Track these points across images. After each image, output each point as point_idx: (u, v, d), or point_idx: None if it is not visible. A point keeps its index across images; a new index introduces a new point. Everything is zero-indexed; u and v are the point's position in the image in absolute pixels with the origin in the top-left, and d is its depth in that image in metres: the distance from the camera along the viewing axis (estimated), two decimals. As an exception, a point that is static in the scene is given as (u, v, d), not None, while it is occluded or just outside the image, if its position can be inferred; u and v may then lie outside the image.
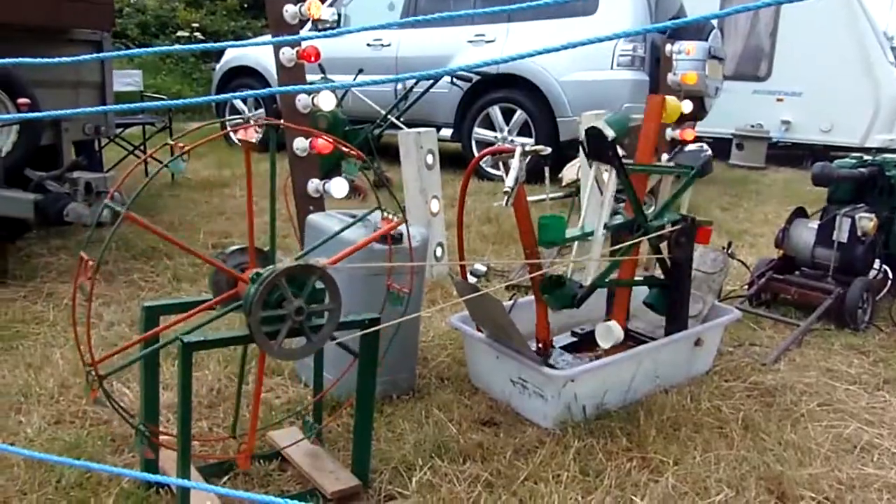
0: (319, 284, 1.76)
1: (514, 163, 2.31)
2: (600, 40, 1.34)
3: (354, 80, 6.59)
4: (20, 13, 4.03)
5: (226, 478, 2.06)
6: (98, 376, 1.64)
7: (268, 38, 5.76)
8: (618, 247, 2.62)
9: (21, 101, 3.85)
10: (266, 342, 1.71)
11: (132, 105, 1.98)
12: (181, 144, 1.67)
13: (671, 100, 2.79)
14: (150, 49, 1.65)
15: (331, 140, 2.20)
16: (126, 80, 6.69)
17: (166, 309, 2.02)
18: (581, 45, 1.31)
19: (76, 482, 1.97)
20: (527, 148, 2.35)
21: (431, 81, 6.14)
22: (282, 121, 2.23)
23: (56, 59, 1.59)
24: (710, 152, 2.86)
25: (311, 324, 1.76)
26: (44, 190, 3.59)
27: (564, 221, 2.48)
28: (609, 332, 2.55)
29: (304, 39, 3.41)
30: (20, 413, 2.37)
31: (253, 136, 1.77)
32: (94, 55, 1.39)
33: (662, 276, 2.78)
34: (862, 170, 3.70)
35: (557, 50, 1.32)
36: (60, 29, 4.48)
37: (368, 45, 7.84)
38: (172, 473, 1.88)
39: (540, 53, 1.36)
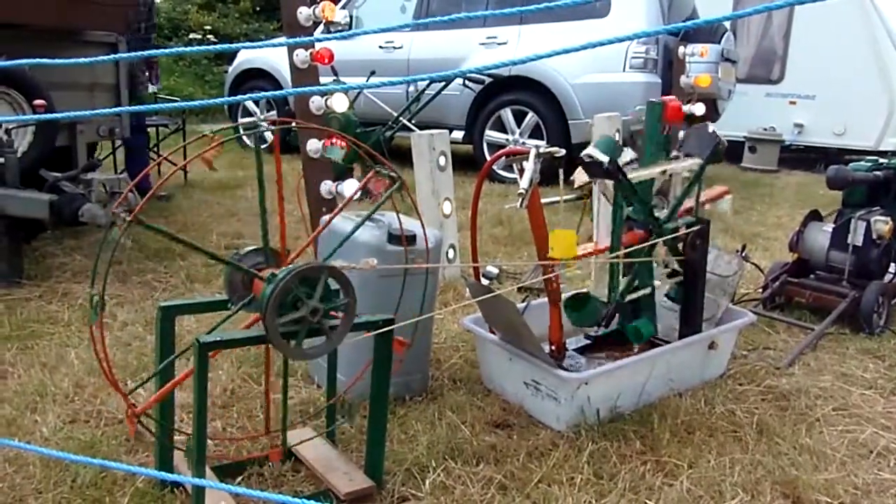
0: (334, 285, 1.77)
1: (529, 164, 2.30)
2: (611, 42, 1.32)
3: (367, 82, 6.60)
4: (36, 15, 4.06)
5: (239, 478, 2.06)
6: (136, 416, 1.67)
7: (282, 39, 5.77)
8: (630, 248, 2.61)
9: (37, 102, 3.89)
10: (282, 343, 1.71)
11: (146, 106, 1.99)
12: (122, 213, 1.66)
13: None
14: (164, 50, 1.66)
15: (346, 140, 2.20)
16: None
17: (182, 309, 2.03)
18: (592, 47, 1.30)
19: (91, 481, 1.98)
20: (541, 149, 2.35)
21: (443, 84, 6.13)
22: (294, 122, 2.23)
23: (72, 60, 1.60)
24: (716, 133, 2.76)
25: (327, 324, 1.76)
26: (59, 191, 3.62)
27: (595, 301, 2.48)
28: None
29: (317, 41, 3.41)
30: (35, 412, 2.39)
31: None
32: (109, 56, 1.40)
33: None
34: (877, 173, 3.67)
35: (569, 52, 1.31)
36: (75, 31, 4.51)
37: (380, 47, 7.86)
38: (187, 473, 1.89)
39: (551, 55, 1.35)
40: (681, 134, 3.75)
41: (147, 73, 5.98)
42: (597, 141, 2.47)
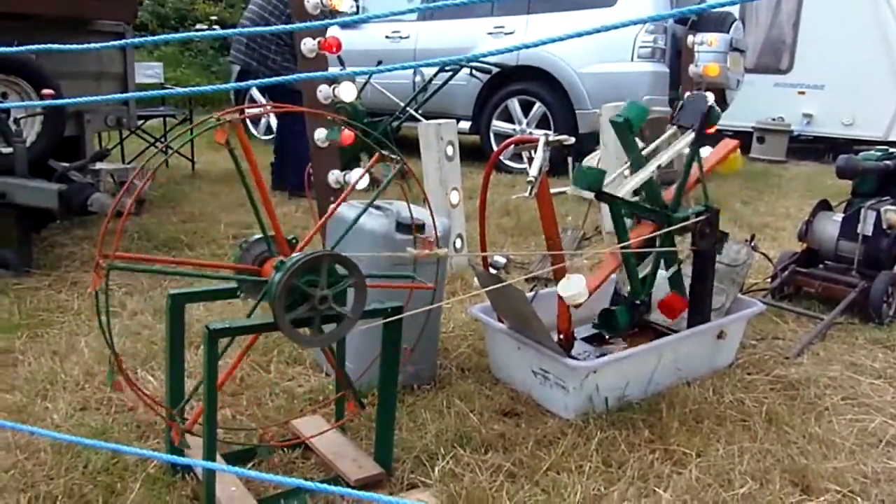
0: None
1: (538, 153, 2.30)
2: (613, 27, 1.31)
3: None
4: (46, 4, 4.06)
5: (249, 464, 2.07)
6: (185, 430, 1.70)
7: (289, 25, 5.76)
8: (641, 237, 2.61)
9: (45, 91, 3.89)
10: (292, 330, 1.72)
11: (152, 92, 1.99)
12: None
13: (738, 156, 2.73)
14: (171, 35, 1.66)
15: (353, 130, 2.20)
16: (147, 71, 6.74)
17: (192, 297, 2.03)
18: (595, 33, 1.29)
19: (103, 467, 2.00)
20: (550, 138, 2.34)
21: (451, 73, 6.12)
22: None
23: (81, 46, 1.60)
24: (709, 99, 2.71)
25: (337, 309, 1.76)
26: (68, 180, 3.62)
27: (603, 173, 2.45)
28: (569, 284, 2.34)
29: (321, 26, 3.39)
30: (46, 399, 2.40)
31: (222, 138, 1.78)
32: (117, 42, 1.39)
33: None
34: (888, 162, 3.65)
35: (571, 37, 1.30)
36: (84, 20, 4.51)
37: (387, 37, 7.84)
38: (199, 458, 1.90)
39: (555, 41, 1.34)
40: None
41: None
42: (575, 175, 2.42)
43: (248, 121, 8.72)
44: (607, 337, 2.88)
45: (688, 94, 2.84)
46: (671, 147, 2.72)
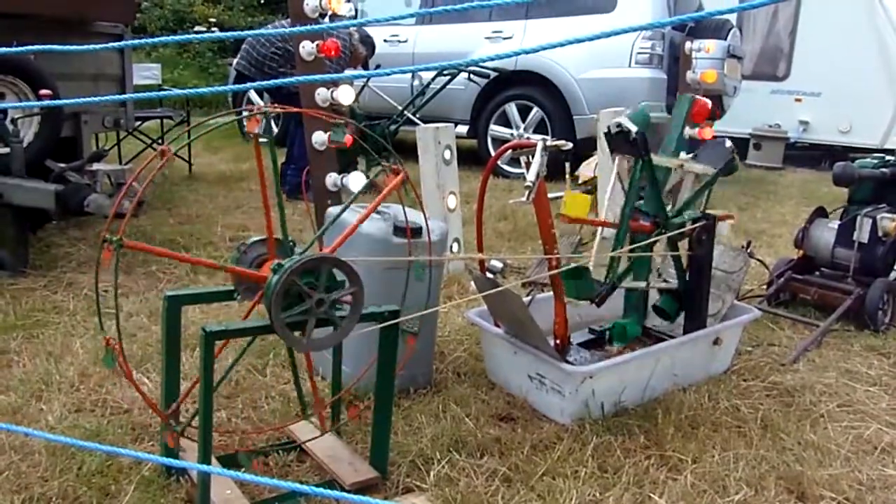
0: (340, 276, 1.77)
1: (536, 157, 2.30)
2: (613, 34, 1.31)
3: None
4: (45, 5, 4.06)
5: (244, 468, 2.07)
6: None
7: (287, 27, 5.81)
8: (637, 244, 2.61)
9: (43, 92, 3.89)
10: (288, 334, 1.71)
11: (150, 93, 1.99)
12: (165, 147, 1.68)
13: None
14: (169, 38, 1.66)
15: (352, 131, 2.20)
16: (145, 73, 6.73)
17: (188, 299, 2.03)
18: (593, 40, 1.30)
19: (97, 469, 1.99)
20: (548, 142, 2.34)
21: (448, 77, 6.13)
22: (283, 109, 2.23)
23: (79, 47, 1.60)
24: (732, 148, 2.81)
25: (334, 314, 1.76)
26: (65, 181, 3.62)
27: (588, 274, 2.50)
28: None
29: (321, 30, 3.40)
30: (41, 401, 2.39)
31: (255, 127, 1.78)
32: (115, 43, 1.39)
33: (676, 281, 2.77)
34: (884, 170, 3.66)
35: (570, 43, 1.30)
36: (83, 21, 4.51)
37: (385, 41, 7.84)
38: (194, 461, 1.89)
39: (553, 47, 1.34)
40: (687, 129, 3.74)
41: None
42: (632, 112, 2.47)
43: (244, 123, 8.71)
44: (615, 347, 2.87)
45: (708, 141, 2.90)
46: (691, 162, 2.76)
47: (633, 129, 2.39)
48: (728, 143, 2.81)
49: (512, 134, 7.19)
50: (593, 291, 2.55)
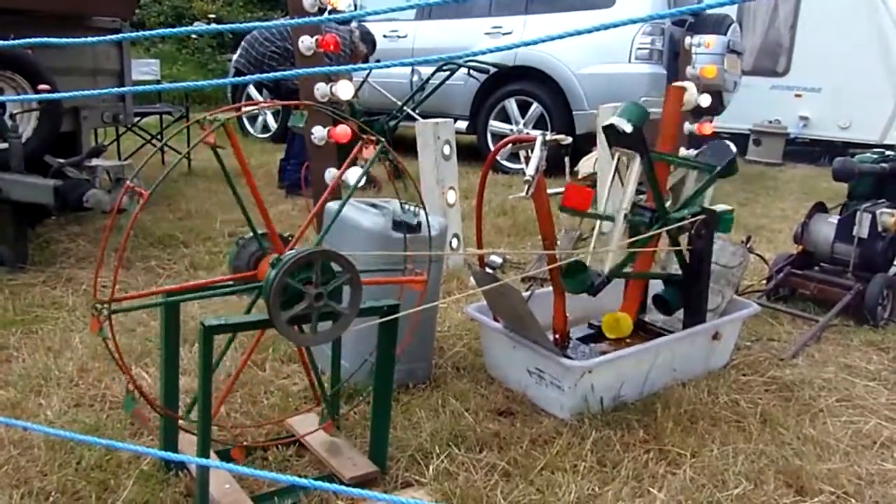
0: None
1: (535, 152, 2.29)
2: (611, 26, 1.31)
3: (369, 71, 6.60)
4: (44, 0, 4.05)
5: (243, 462, 2.07)
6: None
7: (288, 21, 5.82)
8: (636, 238, 2.61)
9: (41, 87, 3.88)
10: (287, 328, 1.71)
11: (149, 87, 1.99)
12: (139, 189, 1.68)
13: (689, 86, 2.78)
14: (167, 30, 1.65)
15: (350, 126, 2.20)
16: (143, 68, 6.71)
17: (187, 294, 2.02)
18: (592, 32, 1.29)
19: (96, 463, 1.99)
20: (548, 137, 2.34)
21: (448, 73, 6.12)
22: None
23: (78, 40, 1.59)
24: (734, 149, 2.81)
25: (333, 308, 1.76)
26: (64, 176, 3.61)
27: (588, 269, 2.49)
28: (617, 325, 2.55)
29: (318, 22, 3.39)
30: (40, 395, 2.39)
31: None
32: (114, 36, 1.39)
33: (679, 273, 2.77)
34: (884, 165, 3.66)
35: (569, 36, 1.30)
36: (81, 16, 4.50)
37: (385, 36, 7.83)
38: (192, 455, 1.89)
39: (553, 39, 1.33)
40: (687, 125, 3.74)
41: None
42: (624, 107, 2.46)
43: (244, 119, 8.71)
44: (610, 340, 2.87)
45: (711, 142, 2.89)
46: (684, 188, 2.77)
47: (628, 129, 2.39)
48: (732, 148, 2.80)
49: (511, 129, 7.18)
50: (589, 283, 2.55)
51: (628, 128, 2.40)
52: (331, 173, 3.46)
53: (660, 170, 2.64)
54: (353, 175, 3.29)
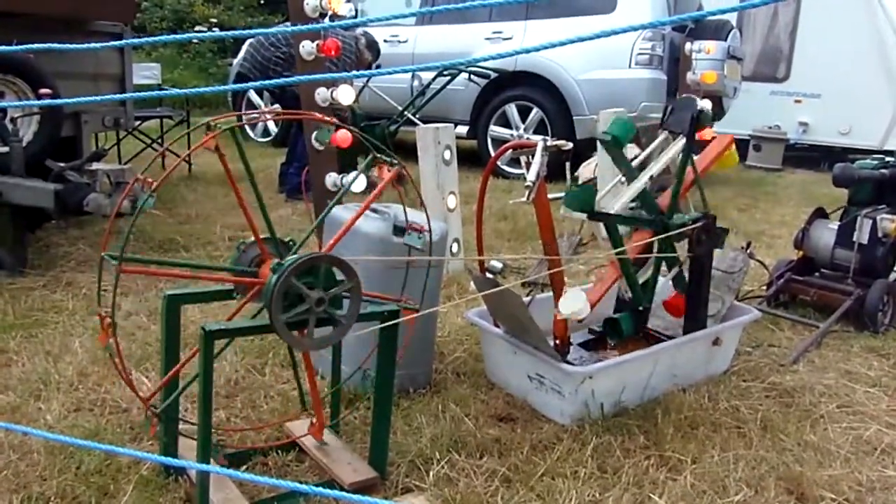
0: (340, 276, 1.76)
1: (536, 157, 2.30)
2: (612, 33, 1.31)
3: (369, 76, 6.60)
4: (45, 4, 4.05)
5: (244, 467, 2.06)
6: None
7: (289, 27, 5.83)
8: (639, 243, 2.61)
9: (43, 91, 3.88)
10: (287, 332, 1.71)
11: (149, 92, 1.99)
12: (150, 179, 1.68)
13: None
14: (169, 37, 1.66)
15: (352, 132, 2.20)
16: (145, 72, 6.72)
17: (188, 298, 2.03)
18: (590, 39, 1.29)
19: (96, 468, 1.98)
20: (548, 142, 2.34)
21: (448, 78, 6.13)
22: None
23: (79, 46, 1.60)
24: (699, 104, 2.68)
25: (334, 312, 1.76)
26: (64, 180, 3.61)
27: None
28: (570, 301, 2.38)
29: (321, 29, 3.40)
30: (40, 400, 2.39)
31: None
32: (116, 42, 1.39)
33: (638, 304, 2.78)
34: (884, 171, 3.66)
35: (570, 42, 1.30)
36: (83, 20, 4.51)
37: (385, 41, 7.84)
38: (192, 460, 1.89)
39: (554, 46, 1.34)
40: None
41: None
42: (566, 197, 2.54)
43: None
44: (611, 343, 2.87)
45: (675, 99, 2.86)
46: (663, 154, 2.72)
47: (582, 217, 2.46)
48: (695, 101, 2.68)
49: (512, 134, 7.19)
50: (635, 326, 2.65)
51: (581, 216, 2.48)
52: (331, 178, 3.46)
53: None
54: (358, 185, 3.29)
